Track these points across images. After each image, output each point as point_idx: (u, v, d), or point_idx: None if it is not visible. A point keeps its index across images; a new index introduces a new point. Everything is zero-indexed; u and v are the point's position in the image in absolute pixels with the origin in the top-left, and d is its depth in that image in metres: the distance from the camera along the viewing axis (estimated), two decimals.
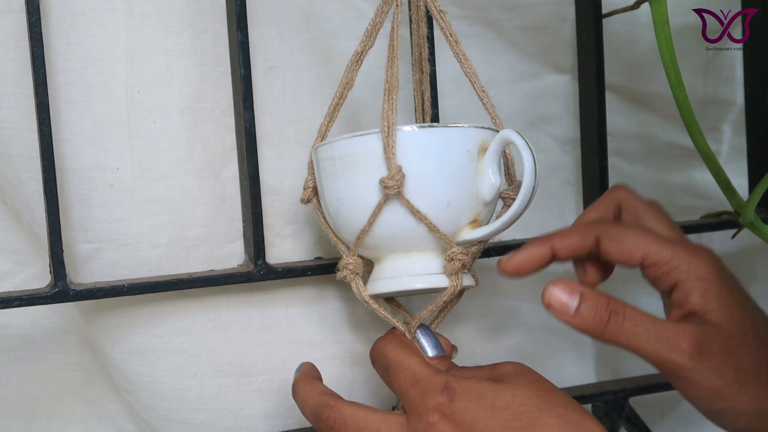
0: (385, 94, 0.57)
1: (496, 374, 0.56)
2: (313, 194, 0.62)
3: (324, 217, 0.62)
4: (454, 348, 0.62)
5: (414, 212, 0.56)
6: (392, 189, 0.55)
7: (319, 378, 0.62)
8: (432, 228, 0.56)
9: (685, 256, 0.59)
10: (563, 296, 0.57)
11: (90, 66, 0.63)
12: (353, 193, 0.57)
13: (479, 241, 0.59)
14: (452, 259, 0.58)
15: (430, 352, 0.60)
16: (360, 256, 0.60)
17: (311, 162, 0.61)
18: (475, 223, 0.58)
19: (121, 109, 0.64)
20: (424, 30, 0.64)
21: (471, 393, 0.54)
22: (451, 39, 0.60)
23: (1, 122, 0.62)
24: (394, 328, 0.61)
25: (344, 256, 0.61)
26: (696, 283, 0.58)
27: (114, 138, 0.65)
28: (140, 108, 0.65)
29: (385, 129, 0.55)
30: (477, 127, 0.57)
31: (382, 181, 0.55)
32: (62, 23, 0.62)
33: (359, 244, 0.58)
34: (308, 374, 0.62)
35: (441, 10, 0.60)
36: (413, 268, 0.59)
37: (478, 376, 0.56)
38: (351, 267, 0.60)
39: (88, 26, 0.63)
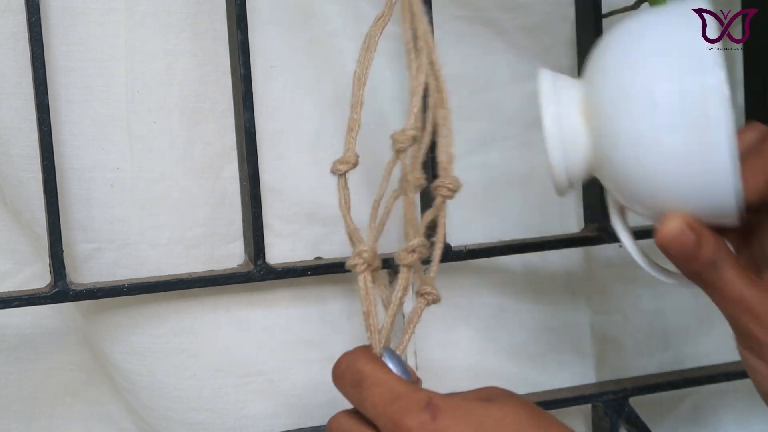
0: None
1: (482, 396, 0.53)
2: None
3: None
4: (418, 380, 0.56)
5: None
6: None
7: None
8: None
9: None
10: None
11: (90, 66, 0.63)
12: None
13: None
14: None
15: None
16: None
17: None
18: None
19: (121, 109, 0.64)
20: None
21: (457, 410, 0.49)
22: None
23: (1, 122, 0.62)
24: (368, 345, 0.56)
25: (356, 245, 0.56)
26: None
27: (114, 138, 0.65)
28: (140, 108, 0.65)
29: None
30: None
31: None
32: (62, 23, 0.62)
33: None
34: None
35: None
36: None
37: (461, 397, 0.53)
38: (366, 255, 0.56)
39: (88, 26, 0.63)
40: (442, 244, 0.58)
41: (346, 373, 0.54)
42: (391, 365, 0.54)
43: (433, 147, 0.58)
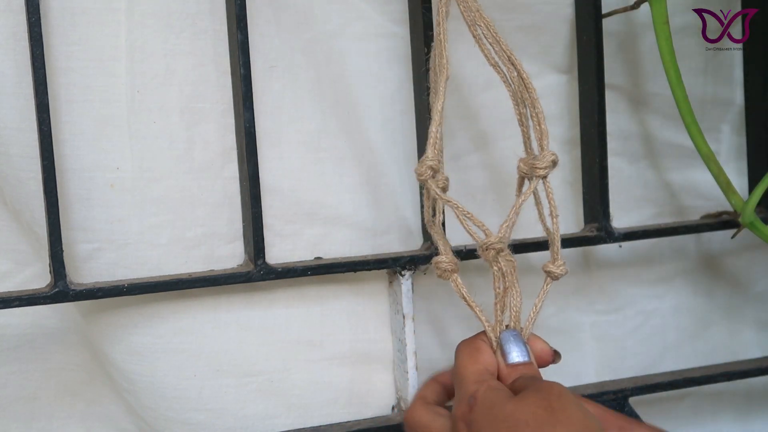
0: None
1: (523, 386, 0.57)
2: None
3: None
4: (556, 354, 0.62)
5: None
6: None
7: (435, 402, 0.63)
8: None
9: None
10: None
11: (90, 66, 0.63)
12: None
13: None
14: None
15: (510, 358, 0.59)
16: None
17: None
18: None
19: (121, 109, 0.64)
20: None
21: (485, 403, 0.55)
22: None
23: (1, 122, 0.62)
24: (484, 331, 0.61)
25: (441, 252, 0.61)
26: None
27: (114, 138, 0.65)
28: (140, 108, 0.65)
29: None
30: None
31: None
32: (62, 23, 0.62)
33: None
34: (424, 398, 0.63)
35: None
36: None
37: (506, 388, 0.57)
38: (445, 265, 0.60)
39: (88, 26, 0.63)
40: (557, 219, 0.62)
41: (454, 358, 0.61)
42: (506, 347, 0.59)
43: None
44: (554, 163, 0.61)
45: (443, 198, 0.60)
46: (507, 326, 0.61)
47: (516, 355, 0.59)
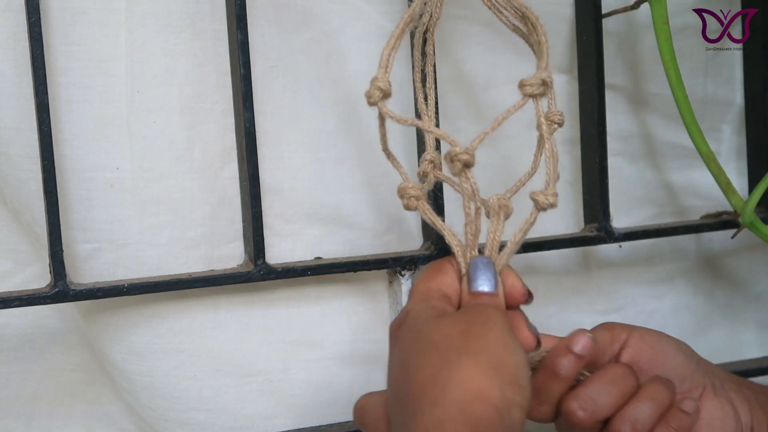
0: None
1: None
2: None
3: None
4: (529, 294, 0.59)
5: None
6: None
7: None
8: None
9: None
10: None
11: (90, 66, 0.63)
12: None
13: None
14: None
15: (474, 285, 0.56)
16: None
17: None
18: None
19: (121, 109, 0.64)
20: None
21: (414, 320, 0.54)
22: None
23: (1, 122, 0.62)
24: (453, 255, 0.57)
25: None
26: None
27: (114, 138, 0.65)
28: (140, 108, 0.65)
29: None
30: None
31: None
32: (62, 23, 0.62)
33: None
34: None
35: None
36: None
37: (445, 308, 0.55)
38: (411, 191, 0.59)
39: (88, 26, 0.63)
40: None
41: None
42: (473, 274, 0.55)
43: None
44: (544, 83, 0.59)
45: (397, 118, 0.58)
46: (480, 252, 0.57)
47: (481, 282, 0.55)
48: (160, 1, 0.65)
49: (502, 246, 0.58)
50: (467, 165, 0.57)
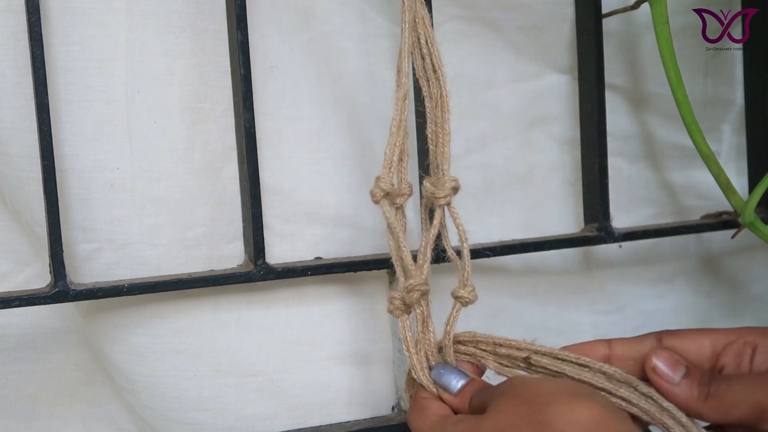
0: None
1: (491, 394, 0.55)
2: None
3: None
4: (482, 365, 0.61)
5: None
6: None
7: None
8: None
9: None
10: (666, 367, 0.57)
11: (90, 66, 0.63)
12: None
13: None
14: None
15: (452, 389, 0.58)
16: None
17: None
18: None
19: (121, 109, 0.64)
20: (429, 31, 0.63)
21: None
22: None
23: (1, 122, 0.62)
24: (420, 385, 0.60)
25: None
26: None
27: (114, 138, 0.64)
28: (140, 108, 0.65)
29: None
30: None
31: None
32: (62, 23, 0.62)
33: None
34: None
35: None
36: None
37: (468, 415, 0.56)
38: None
39: (88, 26, 0.63)
40: (467, 243, 0.61)
41: None
42: (443, 381, 0.59)
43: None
44: (455, 190, 0.60)
45: (390, 221, 0.60)
46: (429, 366, 0.60)
47: (455, 381, 0.58)
48: (160, 1, 0.64)
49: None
50: (424, 294, 0.59)
